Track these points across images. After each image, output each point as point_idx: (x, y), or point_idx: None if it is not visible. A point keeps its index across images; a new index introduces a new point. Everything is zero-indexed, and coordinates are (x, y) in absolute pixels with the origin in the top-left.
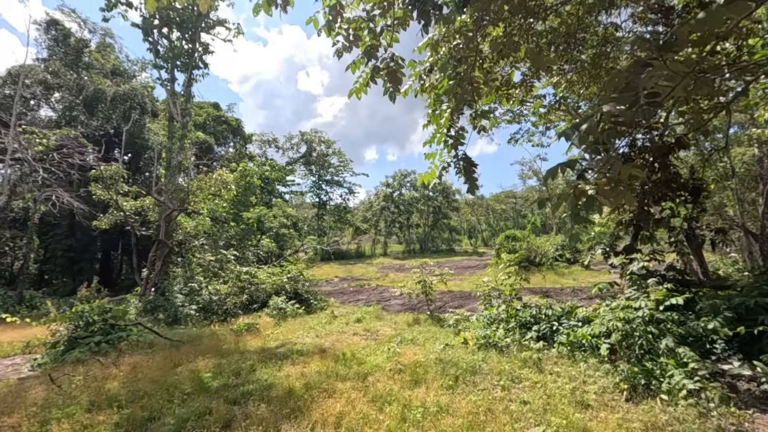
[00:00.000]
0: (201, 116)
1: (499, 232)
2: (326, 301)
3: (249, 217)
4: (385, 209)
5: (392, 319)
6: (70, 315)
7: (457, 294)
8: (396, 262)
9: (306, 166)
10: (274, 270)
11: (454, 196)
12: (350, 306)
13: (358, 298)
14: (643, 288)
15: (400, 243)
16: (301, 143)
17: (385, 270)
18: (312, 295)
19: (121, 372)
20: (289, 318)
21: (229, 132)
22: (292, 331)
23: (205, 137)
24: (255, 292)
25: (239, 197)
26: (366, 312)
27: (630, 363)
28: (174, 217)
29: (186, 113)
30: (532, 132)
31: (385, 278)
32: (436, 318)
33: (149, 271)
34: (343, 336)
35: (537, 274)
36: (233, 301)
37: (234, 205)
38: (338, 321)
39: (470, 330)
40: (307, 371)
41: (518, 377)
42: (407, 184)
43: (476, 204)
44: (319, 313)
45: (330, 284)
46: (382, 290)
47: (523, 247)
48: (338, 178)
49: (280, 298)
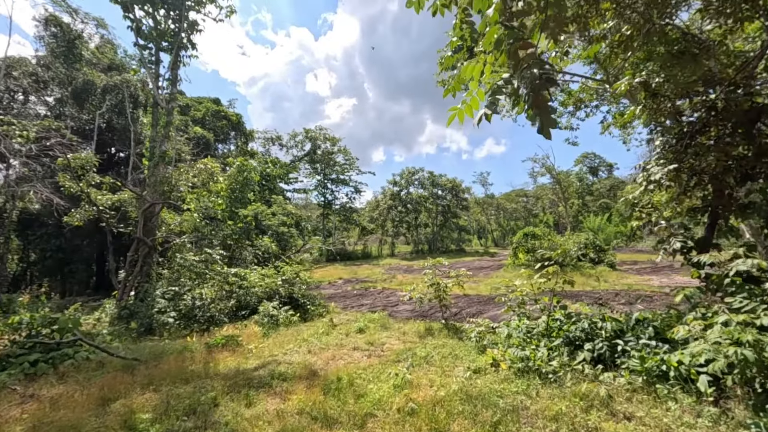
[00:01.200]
0: (200, 111)
1: (509, 232)
2: (325, 307)
3: (245, 215)
4: (393, 208)
5: (400, 329)
6: (2, 327)
7: (474, 298)
8: (403, 263)
9: (311, 164)
10: (267, 272)
11: (464, 195)
12: (352, 312)
13: (361, 302)
14: (758, 297)
15: (408, 243)
16: (305, 141)
17: (392, 271)
18: (309, 299)
19: (34, 409)
20: (281, 327)
21: (229, 128)
22: (281, 345)
23: (203, 132)
24: (244, 297)
25: (237, 194)
26: (370, 320)
27: (756, 409)
28: (156, 212)
29: (172, 98)
30: (560, 113)
31: (392, 280)
32: (453, 328)
33: (127, 273)
34: (341, 351)
35: (561, 275)
36: (219, 307)
37: (231, 203)
38: (337, 331)
39: (499, 347)
40: (286, 408)
41: (584, 425)
42: (415, 182)
43: (486, 203)
44: (316, 321)
45: (333, 287)
46: (388, 294)
47: (543, 245)
48: (344, 176)
49: (271, 304)
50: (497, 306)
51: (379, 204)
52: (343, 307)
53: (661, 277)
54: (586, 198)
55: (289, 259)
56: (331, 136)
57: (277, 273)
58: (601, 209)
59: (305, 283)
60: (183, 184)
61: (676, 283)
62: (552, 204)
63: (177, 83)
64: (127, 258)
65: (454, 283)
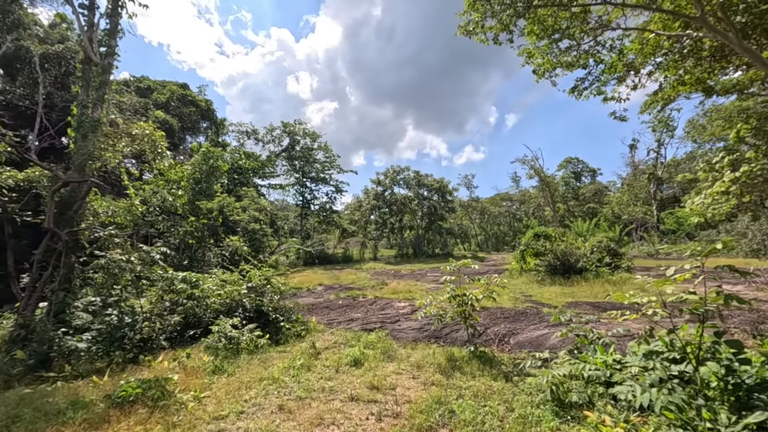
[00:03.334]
0: (164, 95)
1: (492, 237)
2: (305, 324)
3: (209, 208)
4: (376, 209)
5: (411, 358)
6: None
7: (497, 312)
8: (389, 268)
9: (288, 161)
10: (230, 277)
11: (451, 196)
12: (340, 330)
13: (351, 316)
14: None
15: (391, 247)
16: (283, 135)
17: (378, 276)
18: (284, 313)
19: None
20: (243, 355)
21: (198, 115)
22: (237, 392)
23: (165, 117)
24: (195, 311)
25: (202, 186)
26: (367, 343)
27: None
28: (80, 197)
29: (110, 52)
30: (604, 80)
31: (383, 287)
32: (484, 357)
33: (33, 278)
34: (332, 405)
35: (581, 283)
36: (156, 326)
37: (195, 195)
38: (322, 363)
39: (610, 411)
40: None
41: None
42: (400, 182)
43: (470, 206)
44: (292, 345)
45: (312, 294)
46: (383, 304)
47: (560, 247)
48: (324, 174)
49: (231, 321)
50: (531, 322)
51: (361, 204)
52: (327, 323)
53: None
54: (570, 203)
55: (258, 262)
56: (311, 132)
57: (242, 279)
58: (586, 214)
59: (279, 291)
60: (111, 156)
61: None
62: (537, 208)
63: (117, 34)
64: (42, 258)
65: (484, 292)
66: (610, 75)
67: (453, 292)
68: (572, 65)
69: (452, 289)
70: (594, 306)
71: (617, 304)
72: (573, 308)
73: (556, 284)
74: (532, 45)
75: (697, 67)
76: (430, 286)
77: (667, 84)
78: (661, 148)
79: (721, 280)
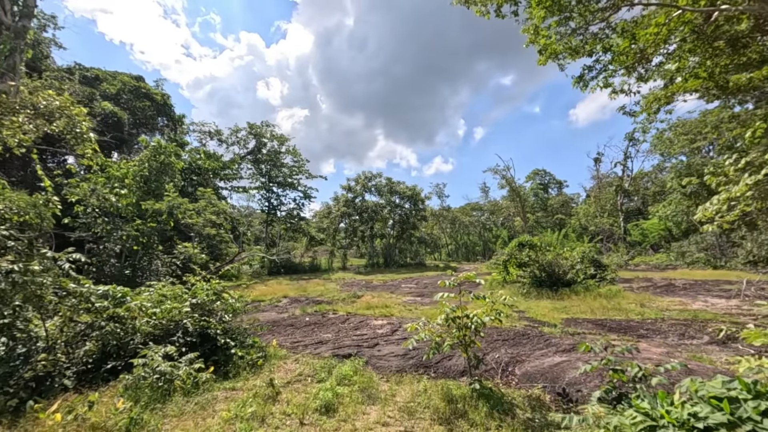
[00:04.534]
0: (114, 86)
1: (463, 246)
2: (262, 349)
3: (157, 209)
4: (346, 216)
5: (398, 399)
6: None
7: (492, 333)
8: (360, 278)
9: (254, 164)
10: (171, 291)
11: (423, 204)
12: (307, 356)
13: (319, 337)
14: None
15: (361, 256)
16: (249, 137)
17: (349, 287)
18: (237, 336)
19: None
20: (176, 396)
21: (153, 110)
22: None
23: (113, 109)
24: (116, 336)
25: (152, 185)
26: (340, 376)
27: None
28: None
29: (25, 13)
30: (612, 70)
31: (355, 301)
32: (491, 396)
33: None
34: None
35: (571, 296)
36: (60, 359)
37: (143, 195)
38: (282, 407)
39: None
40: None
41: None
42: (372, 189)
43: (442, 215)
44: (245, 379)
45: (276, 309)
46: (357, 322)
47: (547, 258)
48: (292, 179)
49: (165, 349)
50: (535, 346)
51: (330, 211)
52: (291, 347)
53: (690, 299)
54: (539, 214)
55: (207, 272)
56: (278, 134)
57: (185, 293)
58: (555, 225)
59: (232, 309)
60: (9, 134)
61: (728, 307)
62: (507, 218)
63: None
64: None
65: (489, 313)
66: (619, 64)
67: (452, 313)
68: (577, 52)
69: (451, 310)
70: (597, 324)
71: (624, 322)
72: (572, 326)
73: (544, 298)
74: (539, 21)
75: (713, 57)
76: (406, 299)
77: (680, 76)
78: (627, 161)
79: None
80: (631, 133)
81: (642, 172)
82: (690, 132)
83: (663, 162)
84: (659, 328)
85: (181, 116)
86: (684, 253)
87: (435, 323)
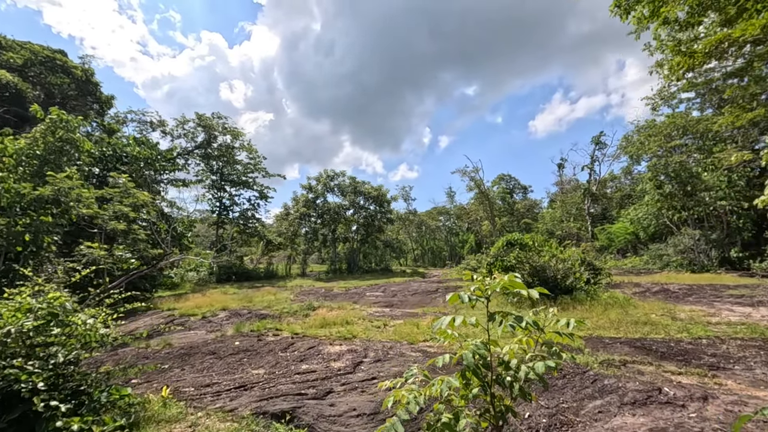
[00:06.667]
0: (21, 56)
1: (429, 251)
2: (131, 408)
3: (40, 195)
4: (306, 218)
5: None
6: None
7: None
8: (319, 285)
9: (204, 159)
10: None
11: (389, 205)
12: (214, 414)
13: (244, 376)
14: None
15: (323, 261)
16: (197, 130)
17: (305, 296)
18: (83, 390)
19: None
20: None
21: (73, 89)
22: None
23: (12, 78)
24: None
25: (50, 167)
26: None
27: None
28: None
29: None
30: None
31: (308, 315)
32: None
33: None
34: None
35: (576, 306)
36: None
37: (31, 180)
38: None
39: None
40: None
41: None
42: (334, 189)
43: (408, 219)
44: None
45: (206, 326)
46: (305, 349)
47: (541, 260)
48: (246, 178)
49: None
50: (580, 391)
51: (289, 213)
52: (195, 395)
53: (706, 307)
54: (505, 218)
55: (37, 278)
56: (232, 128)
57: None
58: (522, 229)
59: (85, 340)
60: None
61: (766, 317)
62: (474, 223)
63: None
64: None
65: (538, 351)
66: None
67: (476, 358)
68: None
69: (475, 354)
70: (636, 347)
71: (672, 343)
72: (603, 350)
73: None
74: None
75: None
76: (372, 311)
77: None
78: (594, 164)
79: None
80: (598, 137)
81: (612, 174)
82: (659, 133)
83: (631, 165)
84: (729, 353)
85: (110, 97)
86: (661, 256)
87: (421, 374)
